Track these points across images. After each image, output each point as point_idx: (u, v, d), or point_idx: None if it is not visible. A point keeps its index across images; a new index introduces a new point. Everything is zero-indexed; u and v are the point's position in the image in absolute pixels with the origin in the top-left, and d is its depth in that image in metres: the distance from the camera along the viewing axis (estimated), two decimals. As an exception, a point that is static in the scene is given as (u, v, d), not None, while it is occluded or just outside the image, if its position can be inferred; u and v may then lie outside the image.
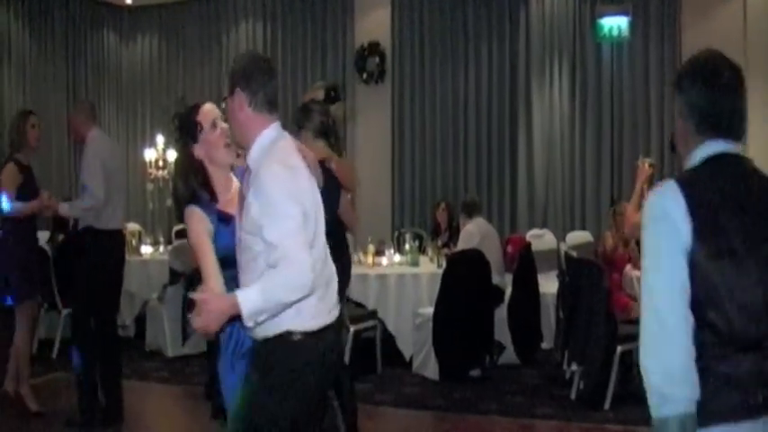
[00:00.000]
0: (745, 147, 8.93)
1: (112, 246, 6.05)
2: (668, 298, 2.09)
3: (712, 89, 2.21)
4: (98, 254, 5.88)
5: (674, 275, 2.10)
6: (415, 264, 8.10)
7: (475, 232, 7.74)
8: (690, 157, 2.25)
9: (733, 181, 2.19)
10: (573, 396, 6.44)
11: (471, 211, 8.11)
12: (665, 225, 2.12)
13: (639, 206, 4.85)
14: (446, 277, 7.15)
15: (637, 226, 4.04)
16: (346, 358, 6.97)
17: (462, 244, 7.74)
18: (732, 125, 2.23)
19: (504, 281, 7.71)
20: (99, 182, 5.81)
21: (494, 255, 7.71)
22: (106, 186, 5.82)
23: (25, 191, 5.97)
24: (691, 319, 2.09)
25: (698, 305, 2.09)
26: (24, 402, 6.19)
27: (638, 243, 6.83)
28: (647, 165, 5.50)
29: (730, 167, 2.21)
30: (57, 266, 7.94)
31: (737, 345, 2.09)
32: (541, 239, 9.23)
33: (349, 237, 8.97)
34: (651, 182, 5.36)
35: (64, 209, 6.11)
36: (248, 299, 2.74)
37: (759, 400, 2.09)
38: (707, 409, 2.07)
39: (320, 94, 5.24)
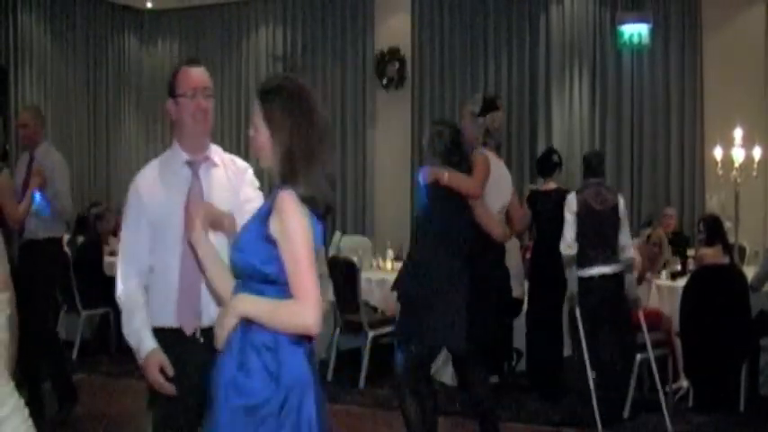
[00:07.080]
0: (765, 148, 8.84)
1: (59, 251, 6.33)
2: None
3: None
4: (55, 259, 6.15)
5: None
6: (433, 269, 8.06)
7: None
8: None
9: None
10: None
11: None
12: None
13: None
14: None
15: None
16: (365, 362, 7.00)
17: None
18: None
19: (524, 290, 7.65)
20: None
21: (515, 266, 7.63)
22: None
23: None
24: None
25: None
26: None
27: (659, 248, 6.98)
28: None
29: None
30: (76, 268, 7.94)
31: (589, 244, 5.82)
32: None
33: (368, 242, 9.00)
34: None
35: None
36: None
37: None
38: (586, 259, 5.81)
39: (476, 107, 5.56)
